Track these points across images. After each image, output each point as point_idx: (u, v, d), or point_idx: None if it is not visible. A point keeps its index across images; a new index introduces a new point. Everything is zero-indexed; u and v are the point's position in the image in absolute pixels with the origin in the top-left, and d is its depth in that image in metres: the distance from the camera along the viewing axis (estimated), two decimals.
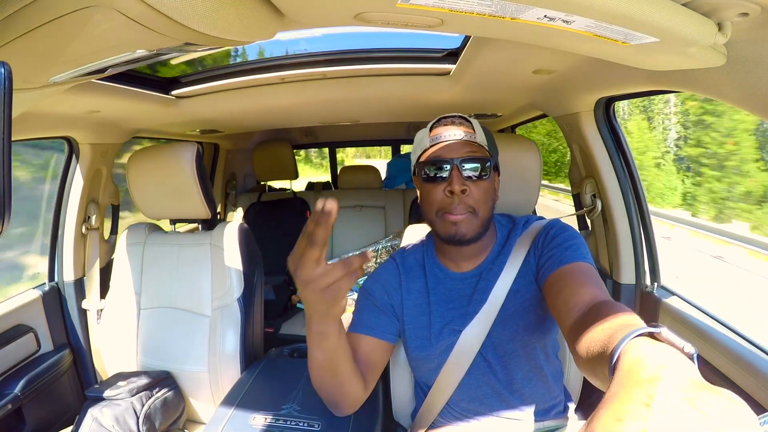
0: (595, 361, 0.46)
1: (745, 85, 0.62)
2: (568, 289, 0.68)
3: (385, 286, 0.90)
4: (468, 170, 0.79)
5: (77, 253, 1.52)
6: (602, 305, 0.57)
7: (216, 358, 1.23)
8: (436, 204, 0.81)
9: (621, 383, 0.32)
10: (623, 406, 0.29)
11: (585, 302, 0.62)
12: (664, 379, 0.30)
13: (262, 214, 2.58)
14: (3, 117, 0.37)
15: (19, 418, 1.23)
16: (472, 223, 0.79)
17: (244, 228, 1.32)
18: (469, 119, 0.83)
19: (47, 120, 1.21)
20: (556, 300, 0.69)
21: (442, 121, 0.84)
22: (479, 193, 0.79)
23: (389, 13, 0.52)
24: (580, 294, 0.64)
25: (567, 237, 0.80)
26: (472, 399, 0.86)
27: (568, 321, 0.61)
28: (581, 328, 0.54)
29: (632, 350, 0.36)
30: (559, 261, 0.76)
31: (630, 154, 1.23)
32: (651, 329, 0.38)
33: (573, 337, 0.56)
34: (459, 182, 0.77)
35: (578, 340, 0.53)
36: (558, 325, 0.67)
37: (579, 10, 0.47)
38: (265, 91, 1.35)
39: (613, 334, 0.43)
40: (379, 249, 2.31)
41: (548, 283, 0.75)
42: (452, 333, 0.84)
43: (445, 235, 0.81)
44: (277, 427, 0.87)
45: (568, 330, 0.60)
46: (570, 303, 0.64)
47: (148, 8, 0.40)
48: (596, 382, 0.49)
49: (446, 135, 0.81)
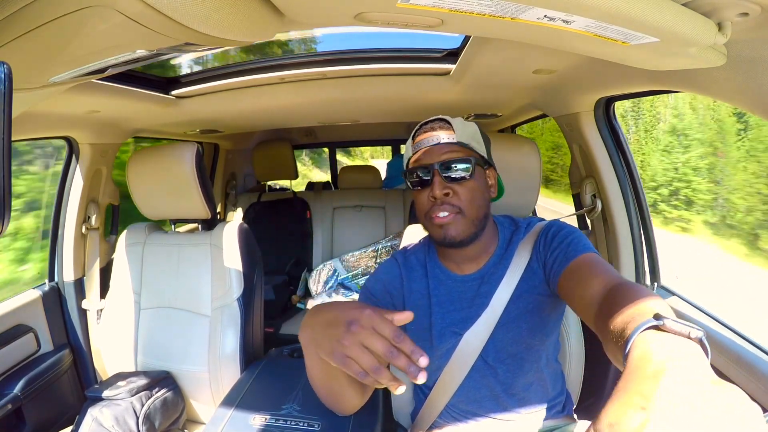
0: (618, 352, 0.46)
1: (745, 85, 0.62)
2: (580, 286, 0.69)
3: (386, 285, 0.90)
4: (449, 172, 0.78)
5: (77, 253, 1.52)
6: (614, 291, 0.58)
7: (216, 358, 1.23)
8: (423, 209, 0.82)
9: (628, 378, 0.34)
10: (631, 398, 0.31)
11: (599, 293, 0.62)
12: (667, 376, 0.31)
13: (262, 214, 2.58)
14: (3, 117, 0.37)
15: (19, 418, 1.23)
16: (459, 223, 0.79)
17: (244, 228, 1.32)
18: (449, 120, 0.83)
19: (47, 120, 1.21)
20: (574, 300, 0.70)
21: (423, 127, 0.84)
22: (465, 193, 0.79)
23: (389, 13, 0.52)
24: (593, 287, 0.65)
25: (565, 234, 0.81)
26: (471, 401, 0.86)
27: (591, 317, 0.62)
28: (602, 320, 0.55)
29: (639, 344, 0.37)
30: (564, 259, 0.76)
31: (630, 154, 1.23)
32: (656, 322, 0.39)
33: (600, 330, 0.57)
34: (440, 186, 0.77)
35: (603, 333, 0.53)
36: (585, 322, 0.67)
37: (579, 10, 0.47)
38: (265, 91, 1.34)
39: (627, 324, 0.44)
40: (379, 249, 2.31)
41: (561, 285, 0.75)
42: (454, 335, 0.84)
43: (436, 238, 0.82)
44: (277, 427, 0.87)
45: (594, 324, 0.61)
46: (585, 299, 0.64)
47: (148, 8, 0.40)
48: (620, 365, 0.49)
49: (426, 141, 0.81)
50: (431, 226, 0.81)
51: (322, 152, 7.06)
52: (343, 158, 11.89)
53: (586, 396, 1.08)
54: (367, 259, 2.30)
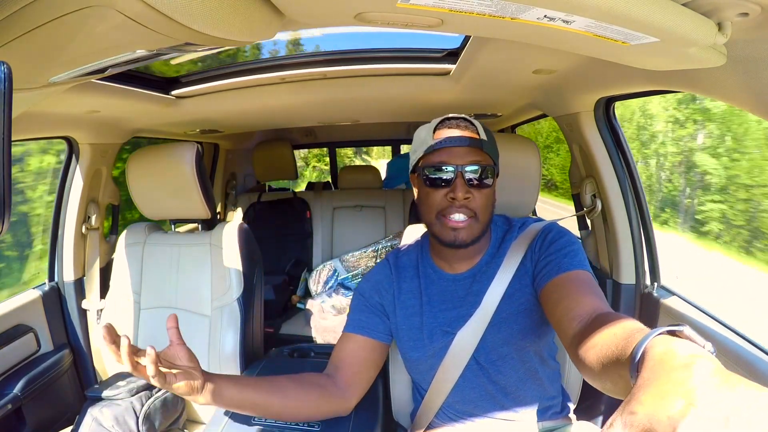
0: (609, 365, 0.46)
1: (745, 85, 0.62)
2: (568, 299, 0.68)
3: (376, 286, 0.91)
4: (473, 177, 0.78)
5: (77, 253, 1.52)
6: (607, 315, 0.57)
7: (216, 358, 1.23)
8: (436, 207, 0.80)
9: (654, 370, 0.32)
10: (664, 387, 0.29)
11: (587, 312, 0.62)
12: (698, 365, 0.30)
13: (262, 214, 2.58)
14: (3, 117, 0.37)
15: (19, 418, 1.23)
16: (472, 228, 0.79)
17: (244, 228, 1.32)
18: (474, 122, 0.82)
19: (47, 120, 1.21)
20: (556, 309, 0.69)
21: (447, 123, 0.82)
22: (482, 199, 0.79)
23: (389, 13, 0.52)
24: (582, 304, 0.64)
25: (565, 243, 0.80)
26: (467, 401, 0.86)
27: (569, 330, 0.61)
28: (586, 336, 0.54)
29: (659, 345, 0.36)
30: (557, 268, 0.75)
31: (630, 154, 1.23)
32: (674, 327, 0.38)
33: (576, 345, 0.56)
34: (463, 190, 0.77)
35: (584, 348, 0.53)
36: (557, 333, 0.66)
37: (579, 10, 0.47)
38: (265, 91, 1.34)
39: (630, 336, 0.43)
40: (379, 249, 2.31)
41: (546, 290, 0.75)
42: (445, 335, 0.84)
43: (444, 239, 0.80)
44: (277, 427, 0.87)
45: (569, 340, 0.60)
46: (571, 313, 0.64)
47: (148, 8, 0.40)
48: (606, 385, 0.49)
49: (451, 139, 0.79)
50: (441, 227, 0.80)
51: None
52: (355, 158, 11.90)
53: (585, 397, 1.08)
54: (367, 259, 2.30)
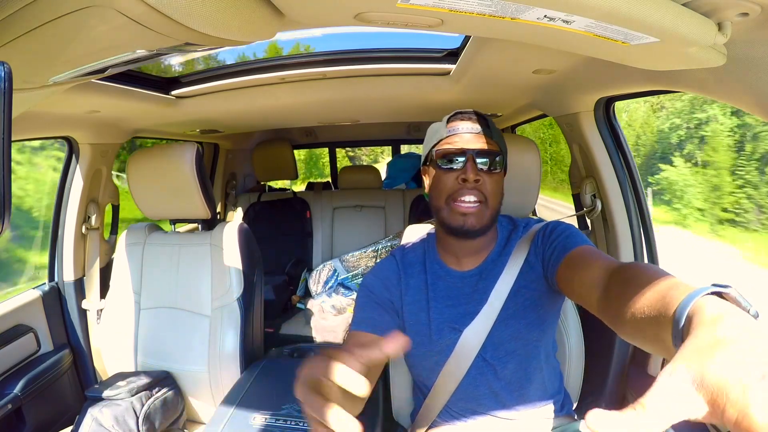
0: (649, 325, 0.45)
1: (745, 85, 0.62)
2: (581, 271, 0.70)
3: (384, 282, 0.90)
4: (482, 162, 0.81)
5: (77, 253, 1.52)
6: (623, 269, 0.58)
7: (216, 358, 1.23)
8: (447, 190, 0.82)
9: (720, 335, 0.30)
10: (731, 360, 0.27)
11: (602, 275, 0.63)
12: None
13: (262, 214, 2.58)
14: (3, 117, 0.37)
15: (19, 418, 1.23)
16: (482, 213, 0.81)
17: (244, 228, 1.32)
18: (485, 116, 0.86)
19: (47, 120, 1.21)
20: (573, 284, 0.70)
21: (459, 115, 0.86)
22: (491, 183, 0.81)
23: (389, 13, 0.52)
24: (594, 269, 0.65)
25: (563, 229, 0.83)
26: (470, 399, 0.86)
27: (593, 298, 0.62)
28: (612, 297, 0.54)
29: (710, 305, 0.34)
30: (563, 249, 0.78)
31: (630, 154, 1.23)
32: (719, 289, 0.36)
33: (606, 308, 0.57)
34: (474, 172, 0.79)
35: (616, 309, 0.53)
36: (586, 307, 0.67)
37: (579, 10, 0.47)
38: (265, 91, 1.35)
39: (665, 295, 0.42)
40: (379, 249, 2.31)
41: (560, 274, 0.76)
42: (453, 332, 0.84)
43: (453, 224, 0.82)
44: (277, 427, 0.87)
45: (597, 306, 0.61)
46: (588, 281, 0.65)
47: (149, 8, 0.40)
48: (647, 344, 0.48)
49: (463, 127, 0.83)
50: (450, 212, 0.82)
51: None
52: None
53: (585, 395, 1.08)
54: (367, 259, 2.30)
